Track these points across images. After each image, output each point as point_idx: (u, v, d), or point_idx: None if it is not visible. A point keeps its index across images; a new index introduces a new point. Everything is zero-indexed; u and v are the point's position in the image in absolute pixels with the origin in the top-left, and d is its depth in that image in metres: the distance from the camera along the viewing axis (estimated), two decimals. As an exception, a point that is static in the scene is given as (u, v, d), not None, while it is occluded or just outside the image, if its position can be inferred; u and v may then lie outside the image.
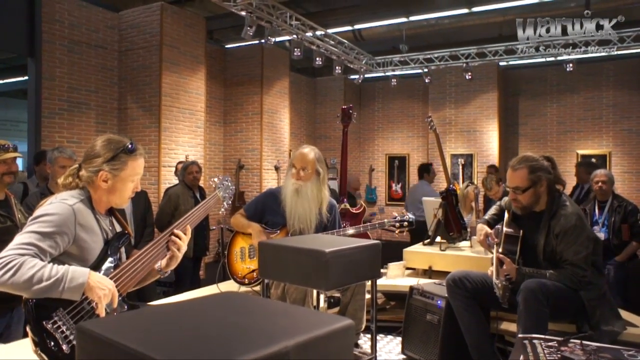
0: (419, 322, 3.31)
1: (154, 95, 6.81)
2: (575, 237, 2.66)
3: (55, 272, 1.65)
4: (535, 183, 2.76)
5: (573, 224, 2.67)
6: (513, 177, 2.82)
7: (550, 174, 2.79)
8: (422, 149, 11.18)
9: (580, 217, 2.73)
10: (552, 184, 2.81)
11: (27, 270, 1.61)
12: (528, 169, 2.78)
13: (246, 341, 0.89)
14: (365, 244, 2.29)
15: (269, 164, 9.06)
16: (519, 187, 2.79)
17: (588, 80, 9.83)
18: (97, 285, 1.69)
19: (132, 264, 1.89)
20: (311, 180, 3.14)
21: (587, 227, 2.81)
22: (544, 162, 2.83)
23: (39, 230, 1.71)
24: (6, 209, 2.69)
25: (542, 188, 2.78)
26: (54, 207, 1.78)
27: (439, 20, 7.79)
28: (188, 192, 5.16)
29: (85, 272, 1.70)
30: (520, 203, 2.83)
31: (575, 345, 2.04)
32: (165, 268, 2.05)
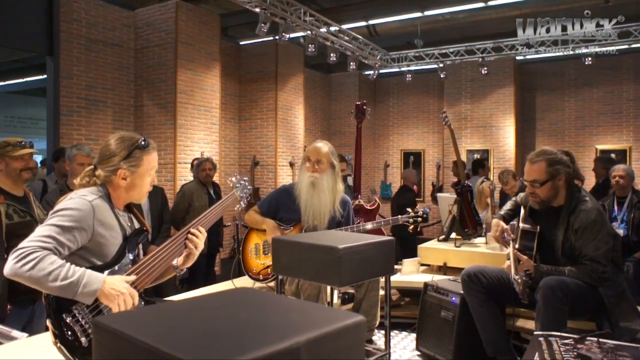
0: (433, 319, 3.30)
1: (170, 93, 6.87)
2: (596, 232, 2.62)
3: (72, 273, 1.67)
4: (554, 176, 2.73)
5: (593, 219, 2.63)
6: (531, 170, 2.79)
7: (569, 167, 2.75)
8: (438, 144, 11.10)
9: (600, 213, 2.69)
10: (570, 179, 2.77)
11: (46, 266, 1.64)
12: (546, 162, 2.74)
13: (258, 337, 0.90)
14: (379, 240, 2.29)
15: (283, 161, 9.08)
16: (537, 180, 2.75)
17: (607, 74, 9.65)
18: (111, 292, 1.71)
19: (149, 260, 1.91)
20: (326, 172, 3.16)
21: (607, 223, 2.77)
22: (563, 157, 2.79)
23: (58, 223, 1.74)
24: (26, 205, 2.76)
25: (561, 182, 2.74)
26: (73, 202, 1.81)
27: (454, 15, 7.71)
28: (202, 188, 5.20)
29: (100, 279, 1.72)
30: (537, 197, 2.79)
31: (592, 343, 2.01)
32: (182, 265, 2.06)
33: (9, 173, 2.70)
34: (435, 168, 11.01)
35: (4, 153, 2.69)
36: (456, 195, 4.50)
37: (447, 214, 4.56)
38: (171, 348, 0.83)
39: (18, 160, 2.70)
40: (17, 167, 2.70)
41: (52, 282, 1.64)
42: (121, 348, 0.93)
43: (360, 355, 1.08)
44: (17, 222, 2.64)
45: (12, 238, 2.51)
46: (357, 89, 11.36)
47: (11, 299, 2.60)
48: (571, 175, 2.77)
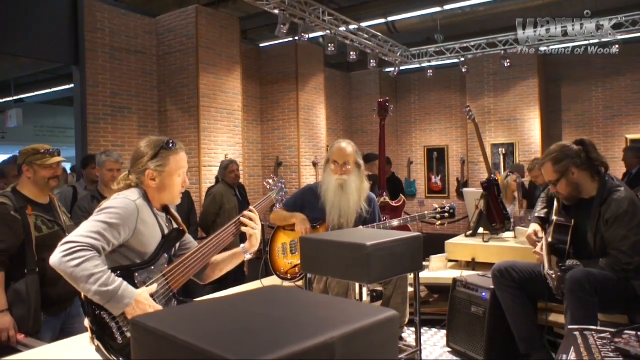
0: (463, 315, 3.27)
1: (192, 97, 6.96)
2: (627, 223, 2.55)
3: (111, 281, 1.72)
4: (564, 173, 2.70)
5: (625, 209, 2.56)
6: (543, 172, 2.82)
7: (579, 157, 2.69)
8: (461, 139, 10.98)
9: (633, 203, 2.62)
10: (589, 168, 2.71)
11: (90, 267, 1.69)
12: (552, 162, 2.74)
13: (293, 333, 0.91)
14: (407, 237, 2.28)
15: (306, 160, 9.11)
16: (551, 181, 2.78)
17: (636, 62, 9.39)
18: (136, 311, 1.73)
19: (185, 260, 1.95)
20: (353, 173, 3.16)
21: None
22: (573, 148, 2.73)
23: (106, 220, 1.79)
24: (52, 213, 2.77)
25: (575, 175, 2.69)
26: (119, 202, 1.86)
27: (474, 8, 7.62)
28: (230, 190, 5.25)
29: (133, 295, 1.75)
30: (561, 194, 2.77)
31: (631, 337, 1.97)
32: (250, 249, 2.12)
33: (37, 181, 2.68)
34: (459, 163, 10.89)
35: (33, 161, 2.67)
36: (483, 190, 4.44)
37: (474, 209, 4.51)
38: (211, 345, 0.85)
39: (47, 168, 2.70)
40: (46, 175, 2.70)
41: (91, 285, 1.68)
42: (160, 346, 0.95)
43: (394, 350, 1.08)
44: (47, 233, 2.66)
45: (42, 250, 2.54)
46: (378, 87, 11.32)
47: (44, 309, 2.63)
48: (588, 165, 2.70)
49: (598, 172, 2.72)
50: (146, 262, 1.89)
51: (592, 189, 2.72)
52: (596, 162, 2.72)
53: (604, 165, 2.76)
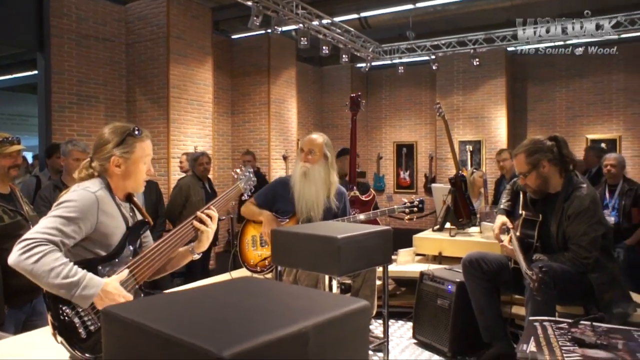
0: (429, 307, 3.35)
1: (162, 87, 6.85)
2: (587, 219, 2.66)
3: (73, 273, 1.68)
4: (536, 165, 2.79)
5: (586, 206, 2.67)
6: (515, 163, 2.91)
7: (551, 152, 2.79)
8: (430, 136, 11.15)
9: (594, 200, 2.73)
10: (559, 164, 2.81)
11: (50, 261, 1.65)
12: (525, 153, 2.82)
13: (267, 322, 0.92)
14: (377, 230, 2.32)
15: (277, 154, 9.09)
16: (521, 172, 2.85)
17: (597, 65, 9.72)
18: (105, 301, 1.70)
19: (151, 252, 1.92)
20: (319, 163, 3.18)
21: (600, 211, 2.81)
22: (546, 143, 2.83)
23: (64, 214, 1.75)
24: (13, 203, 2.70)
25: (545, 169, 2.79)
26: (77, 195, 1.82)
27: (445, 6, 7.73)
28: (198, 182, 5.21)
29: (100, 284, 1.72)
30: (529, 187, 2.86)
31: (586, 327, 2.06)
32: (198, 249, 2.09)
33: None
34: (428, 159, 11.06)
35: None
36: (450, 186, 4.54)
37: (442, 204, 4.61)
38: (185, 335, 0.85)
39: (6, 157, 2.63)
40: (6, 164, 2.63)
41: (53, 279, 1.64)
42: (132, 337, 0.94)
43: (365, 340, 1.11)
44: (9, 223, 2.59)
45: (4, 240, 2.47)
46: (349, 82, 11.37)
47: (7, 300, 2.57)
48: (558, 160, 2.80)
49: (566, 169, 2.82)
50: (110, 255, 1.86)
51: (558, 185, 2.82)
52: (566, 159, 2.83)
53: (573, 163, 2.87)
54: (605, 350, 1.84)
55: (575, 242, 2.68)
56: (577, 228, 2.67)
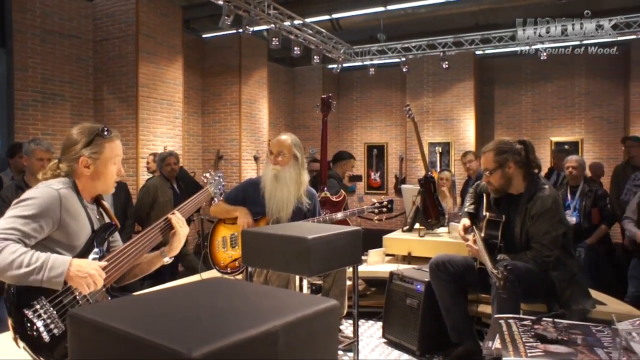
0: (399, 307, 3.40)
1: (131, 86, 6.73)
2: (549, 218, 2.75)
3: (35, 259, 1.63)
4: (502, 165, 2.87)
5: (549, 206, 2.77)
6: (483, 160, 2.98)
7: (518, 155, 2.88)
8: (400, 137, 11.28)
9: (556, 201, 2.83)
10: (524, 167, 2.90)
11: (7, 256, 1.61)
12: (494, 152, 2.90)
13: (237, 322, 0.93)
14: (347, 230, 2.34)
15: (248, 154, 9.05)
16: (488, 169, 2.92)
17: (561, 69, 10.02)
18: (77, 274, 1.67)
19: (118, 255, 1.89)
20: (289, 164, 3.18)
21: (561, 211, 2.91)
22: (516, 146, 2.92)
23: (22, 213, 1.71)
24: None
25: (511, 170, 2.87)
26: (39, 191, 1.78)
27: (415, 9, 7.84)
28: (166, 183, 5.15)
29: (66, 261, 1.68)
30: (492, 185, 2.94)
31: (548, 323, 2.13)
32: (169, 252, 2.07)
33: None
34: (398, 161, 11.19)
35: None
36: (420, 187, 4.61)
37: (411, 205, 4.67)
38: (155, 336, 0.85)
39: None
40: None
41: (17, 270, 1.60)
42: (101, 339, 0.93)
43: (335, 339, 1.13)
44: None
45: None
46: (321, 83, 11.40)
47: None
48: (523, 163, 2.89)
49: (530, 173, 2.91)
50: (76, 257, 1.82)
51: (520, 186, 2.91)
52: (532, 163, 2.92)
53: (537, 167, 2.97)
54: (566, 346, 1.91)
55: (537, 240, 2.76)
56: (540, 227, 2.76)
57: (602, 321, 2.30)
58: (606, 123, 9.79)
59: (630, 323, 2.04)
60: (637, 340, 1.85)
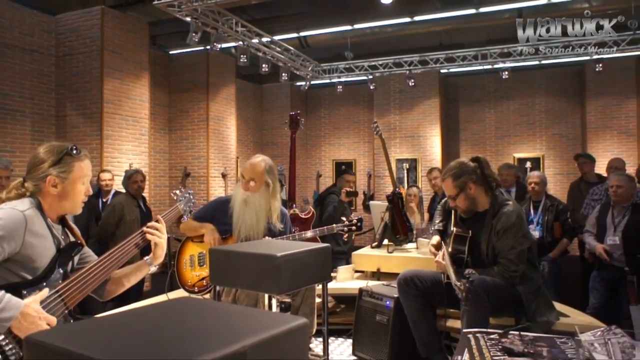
0: (368, 323, 3.39)
1: (95, 102, 6.60)
2: (514, 234, 2.82)
3: None
4: (463, 188, 2.94)
5: (513, 221, 2.83)
6: (444, 187, 3.05)
7: (475, 174, 2.95)
8: (368, 154, 11.39)
9: (520, 216, 2.90)
10: (484, 184, 2.96)
11: None
12: (452, 178, 2.97)
13: (204, 342, 0.91)
14: (316, 248, 2.34)
15: (215, 172, 8.96)
16: (451, 195, 3.00)
17: (522, 88, 10.37)
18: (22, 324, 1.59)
19: (82, 275, 1.83)
20: (260, 192, 3.14)
21: (525, 226, 2.98)
22: (470, 165, 2.98)
23: None
24: None
25: (472, 190, 2.94)
26: (3, 213, 1.72)
27: (382, 29, 8.00)
28: (132, 201, 5.04)
29: (19, 305, 1.61)
30: (460, 208, 3.00)
31: (515, 337, 2.17)
32: (154, 260, 2.03)
33: None
34: (366, 177, 11.27)
35: None
36: (388, 203, 4.65)
37: (380, 221, 4.70)
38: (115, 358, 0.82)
39: None
40: None
41: None
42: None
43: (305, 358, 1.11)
44: None
45: None
46: (289, 100, 11.45)
47: None
48: (482, 181, 2.96)
49: (491, 187, 2.98)
50: (37, 279, 1.75)
51: (485, 203, 2.97)
52: (489, 178, 2.99)
53: (495, 181, 3.03)
54: (532, 358, 1.94)
55: (504, 256, 2.82)
56: (505, 242, 2.82)
57: (565, 333, 2.35)
58: (565, 140, 10.15)
59: (592, 334, 2.09)
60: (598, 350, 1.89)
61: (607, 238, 4.06)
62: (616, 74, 9.10)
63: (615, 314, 3.93)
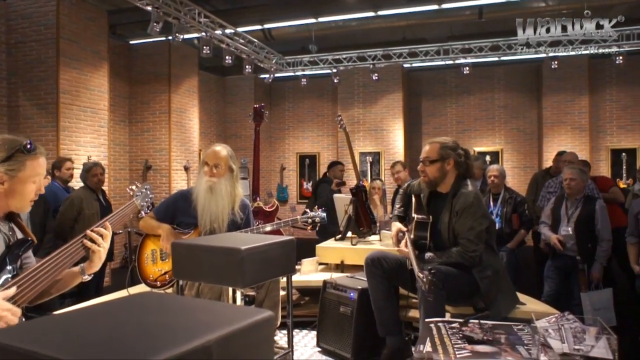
0: (332, 315, 3.42)
1: (51, 93, 6.37)
2: (472, 213, 2.88)
3: None
4: (444, 159, 2.98)
5: (471, 201, 2.89)
6: (426, 149, 3.07)
7: (460, 157, 3.01)
8: (332, 147, 11.44)
9: (477, 196, 2.96)
10: (460, 169, 3.02)
11: None
12: (440, 144, 3.03)
13: (168, 338, 0.89)
14: (280, 240, 2.33)
15: (178, 164, 8.81)
16: (428, 158, 3.01)
17: (482, 83, 10.61)
18: None
19: (34, 272, 1.76)
20: (225, 177, 3.13)
21: (483, 206, 3.03)
22: (459, 149, 3.05)
23: None
24: None
25: (449, 167, 2.99)
26: None
27: (346, 22, 8.02)
28: (91, 195, 4.90)
29: None
30: (427, 176, 3.03)
31: (475, 325, 2.23)
32: (89, 270, 1.94)
33: None
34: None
35: None
36: (352, 196, 4.69)
37: (344, 214, 4.74)
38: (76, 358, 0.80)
39: None
40: None
41: None
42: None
43: (270, 350, 1.12)
44: None
45: None
46: (252, 93, 11.35)
47: None
48: (460, 164, 3.02)
49: (464, 177, 3.04)
50: None
51: (449, 186, 3.03)
52: (469, 169, 3.06)
53: (470, 174, 3.11)
54: (491, 345, 2.01)
55: (464, 236, 2.88)
56: (464, 223, 2.88)
57: (522, 320, 2.43)
58: (522, 134, 10.46)
59: (547, 320, 2.18)
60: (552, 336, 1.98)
61: (561, 228, 4.23)
62: (570, 71, 9.44)
63: (568, 301, 4.10)
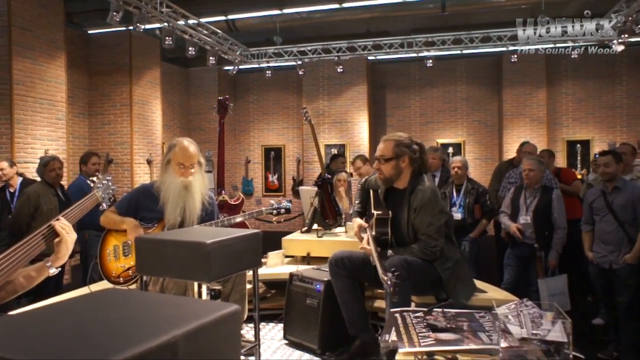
0: (299, 307, 3.44)
1: (4, 84, 6.10)
2: (430, 210, 2.93)
3: None
4: (398, 156, 3.01)
5: (428, 197, 2.94)
6: (380, 147, 3.07)
7: (414, 154, 3.04)
8: (297, 139, 11.42)
9: (434, 192, 3.01)
10: (415, 164, 3.06)
11: None
12: (394, 142, 3.03)
13: (133, 335, 0.88)
14: (246, 234, 2.32)
15: (140, 158, 8.62)
16: (384, 156, 3.03)
17: (445, 76, 10.78)
18: None
19: None
20: (197, 172, 3.12)
21: (440, 201, 3.09)
22: (413, 145, 3.08)
23: None
24: None
25: (404, 164, 3.02)
26: None
27: (310, 14, 8.00)
28: (49, 190, 4.74)
29: None
30: (382, 174, 3.06)
31: (438, 314, 2.28)
32: (56, 262, 1.89)
33: None
34: (295, 163, 11.32)
35: None
36: (317, 188, 4.70)
37: (309, 206, 4.75)
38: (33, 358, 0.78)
39: None
40: None
41: None
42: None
43: (237, 345, 1.11)
44: None
45: None
46: (216, 84, 11.20)
47: None
48: (415, 161, 3.06)
49: (420, 172, 3.08)
50: None
51: (406, 182, 3.07)
52: (424, 163, 3.09)
53: (426, 169, 3.15)
54: (454, 333, 2.06)
55: (424, 232, 2.94)
56: (423, 219, 2.93)
57: (483, 307, 2.50)
58: (484, 126, 10.71)
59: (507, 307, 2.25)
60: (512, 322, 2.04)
61: (520, 217, 4.37)
62: (529, 65, 9.70)
63: (526, 287, 4.24)
